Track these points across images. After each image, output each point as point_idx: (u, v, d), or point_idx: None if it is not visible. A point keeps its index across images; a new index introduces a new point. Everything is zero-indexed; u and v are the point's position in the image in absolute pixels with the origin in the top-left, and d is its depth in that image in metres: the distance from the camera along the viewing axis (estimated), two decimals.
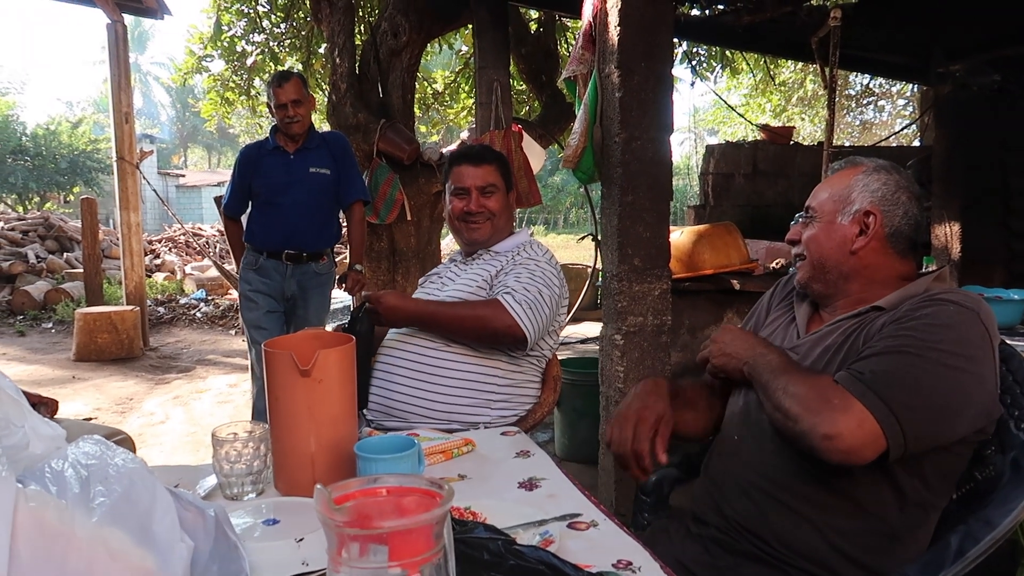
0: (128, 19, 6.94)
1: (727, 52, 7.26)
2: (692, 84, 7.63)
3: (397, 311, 1.91)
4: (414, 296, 2.09)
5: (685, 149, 30.73)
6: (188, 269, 11.19)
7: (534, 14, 5.95)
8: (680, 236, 3.61)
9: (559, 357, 2.33)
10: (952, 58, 4.97)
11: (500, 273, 1.98)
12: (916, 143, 9.40)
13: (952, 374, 1.14)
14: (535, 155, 4.55)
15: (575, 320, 7.39)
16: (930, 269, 1.41)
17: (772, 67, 8.90)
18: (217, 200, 4.09)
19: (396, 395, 1.93)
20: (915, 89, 10.27)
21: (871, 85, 14.19)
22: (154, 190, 8.19)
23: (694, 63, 7.35)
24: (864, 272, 1.35)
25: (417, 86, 5.99)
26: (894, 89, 13.88)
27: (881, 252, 1.34)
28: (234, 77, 7.02)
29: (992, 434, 1.29)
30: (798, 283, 1.46)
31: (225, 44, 6.76)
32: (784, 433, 1.22)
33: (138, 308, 6.88)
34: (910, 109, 13.81)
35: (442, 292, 2.06)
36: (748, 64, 8.02)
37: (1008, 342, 1.44)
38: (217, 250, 11.90)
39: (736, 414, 1.42)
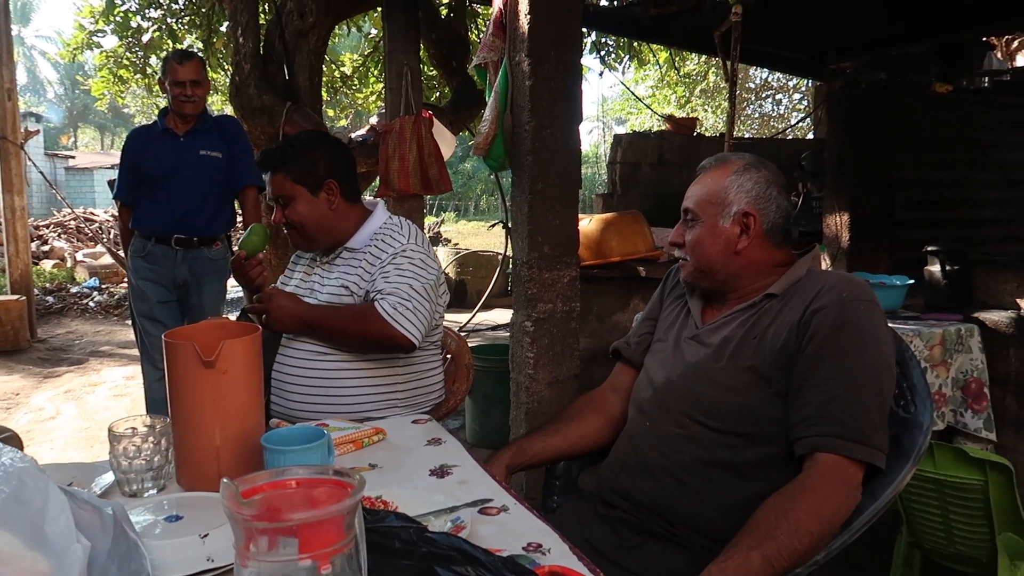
0: None
1: (634, 44, 7.40)
2: (601, 74, 7.72)
3: (286, 312, 1.79)
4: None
5: (594, 138, 31.13)
6: (79, 256, 10.61)
7: None
8: (588, 224, 3.67)
9: (469, 345, 2.34)
10: (843, 56, 5.24)
11: (368, 277, 1.88)
12: (810, 136, 9.85)
13: (880, 375, 1.25)
14: (445, 141, 4.51)
15: (486, 307, 7.42)
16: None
17: (677, 59, 9.13)
18: (111, 183, 3.88)
19: (293, 404, 1.85)
20: (810, 84, 10.75)
21: (770, 79, 14.76)
22: (41, 172, 7.76)
23: (603, 53, 7.46)
24: (749, 268, 1.42)
25: (325, 69, 5.86)
26: (791, 84, 14.49)
27: (761, 247, 1.42)
28: (128, 54, 6.67)
29: None
30: (683, 280, 1.52)
31: (118, 19, 6.41)
32: None
33: (24, 297, 6.48)
34: (805, 103, 14.43)
35: (311, 300, 1.93)
36: (655, 56, 8.20)
37: (890, 325, 1.54)
38: (111, 236, 11.31)
39: (648, 400, 1.46)
